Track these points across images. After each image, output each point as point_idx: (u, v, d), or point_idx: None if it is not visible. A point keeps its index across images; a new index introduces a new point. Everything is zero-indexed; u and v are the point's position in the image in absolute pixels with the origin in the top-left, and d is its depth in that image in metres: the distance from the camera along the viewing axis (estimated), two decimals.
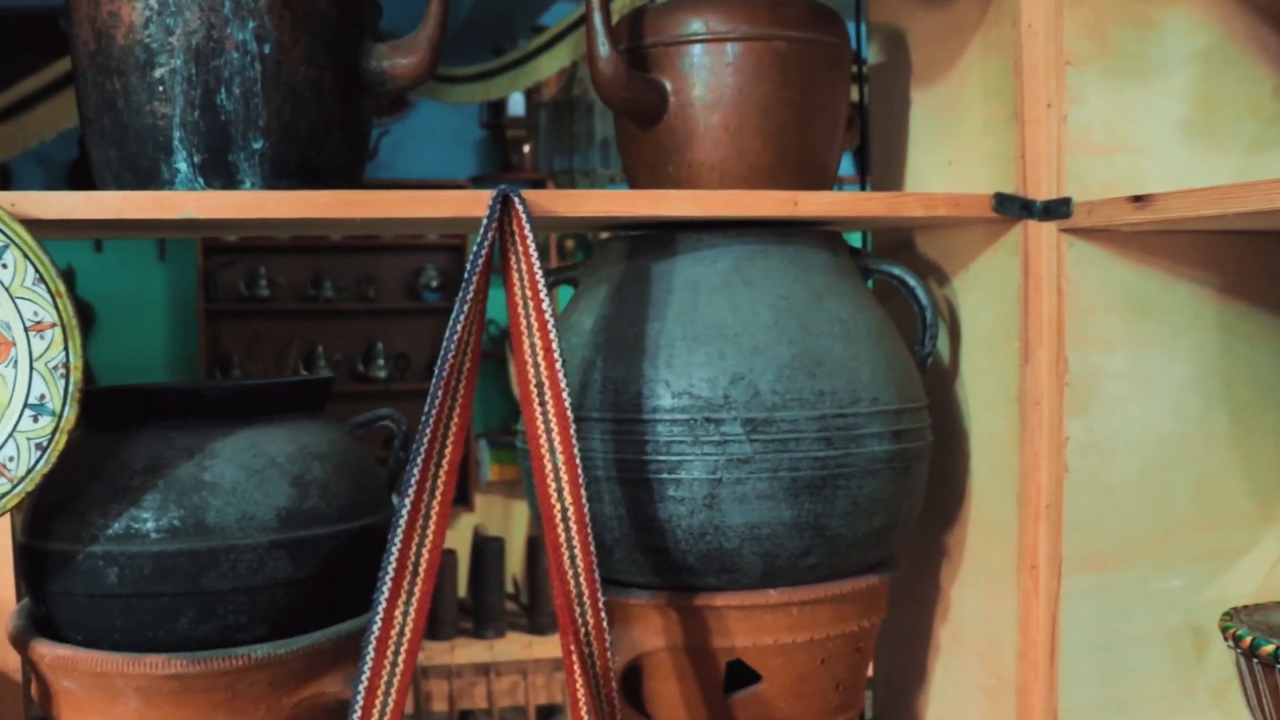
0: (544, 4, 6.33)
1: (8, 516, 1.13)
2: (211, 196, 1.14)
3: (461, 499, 6.04)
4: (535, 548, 4.27)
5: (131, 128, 1.18)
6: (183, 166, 1.18)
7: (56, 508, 1.18)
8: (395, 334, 6.93)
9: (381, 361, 6.80)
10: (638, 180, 1.39)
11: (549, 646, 4.16)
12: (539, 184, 6.48)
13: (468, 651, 4.16)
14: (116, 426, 1.22)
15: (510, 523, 6.04)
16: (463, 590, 4.46)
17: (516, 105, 6.92)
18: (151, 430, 1.21)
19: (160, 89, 1.17)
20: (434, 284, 6.90)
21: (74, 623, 1.18)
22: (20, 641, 1.21)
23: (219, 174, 1.18)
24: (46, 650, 1.17)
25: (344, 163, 1.25)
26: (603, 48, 1.28)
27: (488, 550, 4.24)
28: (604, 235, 1.44)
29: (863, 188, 1.71)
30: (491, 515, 5.94)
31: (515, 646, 4.18)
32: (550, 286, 1.34)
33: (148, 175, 1.19)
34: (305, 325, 6.83)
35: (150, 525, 1.15)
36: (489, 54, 5.91)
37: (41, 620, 1.23)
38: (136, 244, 6.58)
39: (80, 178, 6.33)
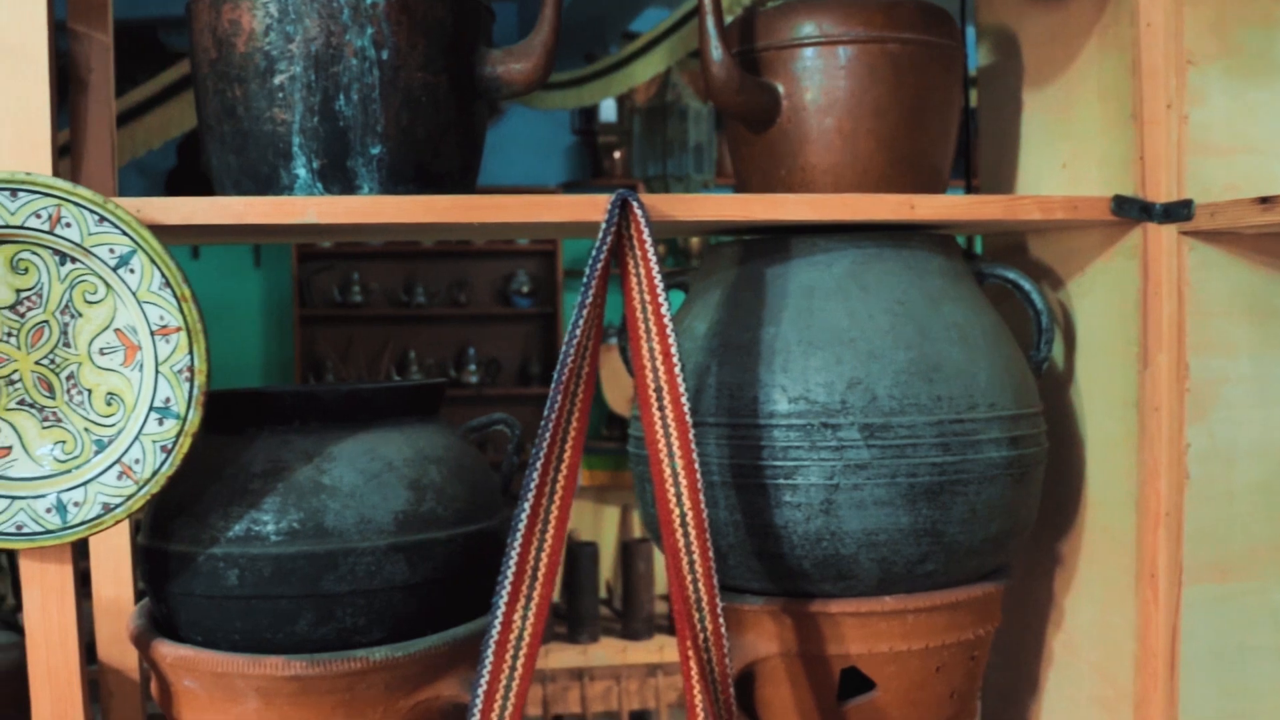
0: (635, 10, 6.35)
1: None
2: (333, 202, 1.15)
3: None
4: (628, 553, 4.27)
5: (251, 134, 1.20)
6: (302, 172, 1.19)
7: (177, 510, 1.20)
8: (486, 339, 6.99)
9: (473, 366, 6.85)
10: (749, 184, 1.39)
11: (642, 652, 4.15)
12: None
13: (561, 656, 4.16)
14: (235, 430, 1.23)
15: (601, 528, 6.04)
16: (555, 595, 4.48)
17: (608, 111, 6.95)
18: (270, 434, 1.22)
19: (280, 95, 1.18)
20: (525, 289, 6.94)
21: (194, 623, 1.20)
22: (142, 641, 1.22)
23: (337, 179, 1.19)
24: (168, 650, 1.19)
25: (459, 168, 1.25)
26: (716, 51, 1.27)
27: (581, 555, 4.24)
28: (693, 239, 1.44)
29: (968, 190, 1.69)
30: (583, 520, 5.94)
31: (609, 652, 4.18)
32: None
33: (267, 181, 1.20)
34: (398, 330, 6.90)
35: (270, 528, 1.16)
36: (580, 60, 5.95)
37: (162, 620, 1.24)
38: (233, 251, 6.68)
39: (178, 184, 6.45)
